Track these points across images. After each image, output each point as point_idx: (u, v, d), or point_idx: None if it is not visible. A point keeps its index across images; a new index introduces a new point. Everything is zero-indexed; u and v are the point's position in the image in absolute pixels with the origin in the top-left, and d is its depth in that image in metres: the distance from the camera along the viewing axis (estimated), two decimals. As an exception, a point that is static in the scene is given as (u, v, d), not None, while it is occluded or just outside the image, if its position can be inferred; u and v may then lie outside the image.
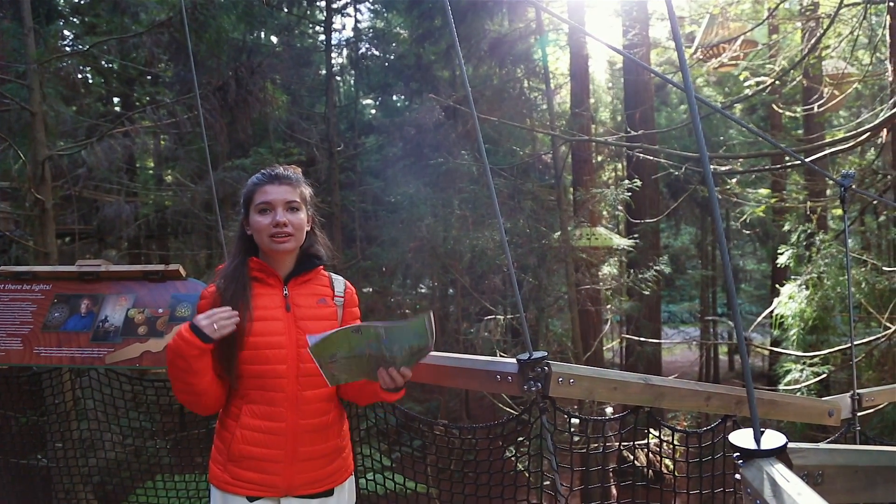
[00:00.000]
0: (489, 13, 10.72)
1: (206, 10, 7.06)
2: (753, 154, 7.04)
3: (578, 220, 9.04)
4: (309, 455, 1.88)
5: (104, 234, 10.30)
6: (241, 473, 1.84)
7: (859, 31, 5.67)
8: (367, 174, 13.44)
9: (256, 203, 1.89)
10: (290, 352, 1.86)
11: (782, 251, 7.18)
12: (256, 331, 1.83)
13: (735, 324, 1.29)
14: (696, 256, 19.61)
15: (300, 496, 1.89)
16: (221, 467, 1.87)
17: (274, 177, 1.91)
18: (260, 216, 1.88)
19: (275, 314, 1.88)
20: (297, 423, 1.85)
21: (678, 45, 1.37)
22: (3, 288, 3.08)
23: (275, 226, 1.86)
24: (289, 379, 1.85)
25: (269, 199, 1.87)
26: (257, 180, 1.93)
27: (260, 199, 1.88)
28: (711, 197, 1.27)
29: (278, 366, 1.84)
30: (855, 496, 1.26)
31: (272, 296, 1.90)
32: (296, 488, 1.87)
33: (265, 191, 1.89)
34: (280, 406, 1.84)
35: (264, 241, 1.89)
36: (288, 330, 1.87)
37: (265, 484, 1.84)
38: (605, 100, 17.74)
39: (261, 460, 1.83)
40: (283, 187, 1.90)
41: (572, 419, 2.35)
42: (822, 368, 6.35)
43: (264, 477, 1.84)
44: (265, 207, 1.88)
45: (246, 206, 1.93)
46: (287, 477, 1.85)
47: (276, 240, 1.86)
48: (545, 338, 9.26)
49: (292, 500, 1.88)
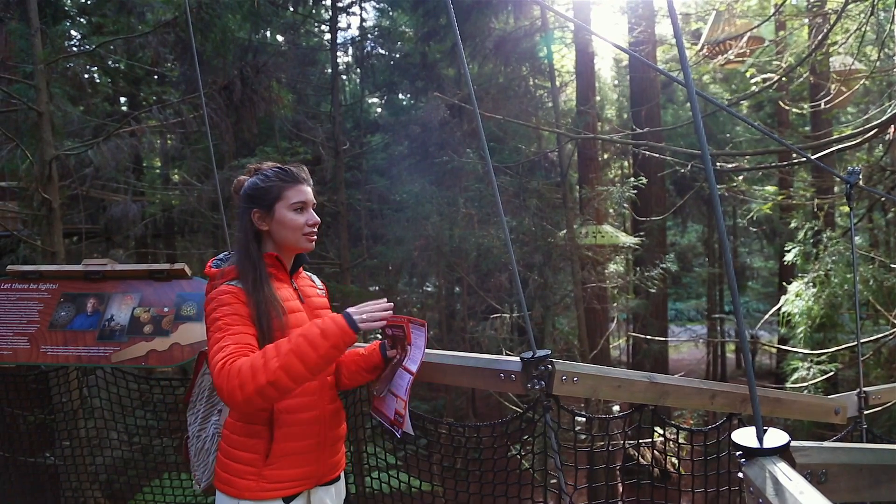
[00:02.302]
0: (494, 11, 10.70)
1: (211, 9, 7.06)
2: (760, 151, 7.01)
3: (584, 218, 9.03)
4: (334, 439, 1.97)
5: (111, 233, 10.35)
6: (279, 475, 1.84)
7: (867, 26, 5.63)
8: (373, 173, 13.46)
9: (293, 202, 1.91)
10: None
11: (789, 248, 7.15)
12: (292, 323, 1.87)
13: (737, 321, 1.28)
14: (702, 254, 19.56)
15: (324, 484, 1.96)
16: (255, 476, 1.83)
17: (303, 177, 1.95)
18: (296, 214, 1.91)
19: (296, 305, 1.94)
20: (325, 408, 1.94)
21: (679, 41, 1.37)
22: (11, 287, 3.10)
23: (310, 225, 1.93)
24: None
25: (305, 198, 1.93)
26: (285, 177, 1.92)
27: (297, 199, 1.91)
28: (713, 193, 1.27)
29: None
30: (859, 495, 1.26)
31: (286, 289, 1.95)
32: (324, 475, 1.94)
33: (301, 190, 1.93)
34: (314, 394, 1.91)
35: (295, 239, 1.92)
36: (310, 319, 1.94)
37: (302, 478, 1.88)
38: (610, 97, 17.71)
39: (299, 454, 1.87)
40: (311, 188, 1.97)
41: (577, 417, 2.35)
42: (830, 366, 6.32)
43: (301, 471, 1.87)
44: (301, 207, 1.92)
45: (270, 202, 1.90)
46: (320, 464, 1.92)
47: (309, 238, 1.94)
48: (551, 336, 9.26)
49: (319, 490, 1.95)
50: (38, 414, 3.99)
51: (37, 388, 3.60)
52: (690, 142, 12.49)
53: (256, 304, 1.80)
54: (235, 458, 1.86)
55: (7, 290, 3.09)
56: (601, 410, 7.72)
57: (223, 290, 1.83)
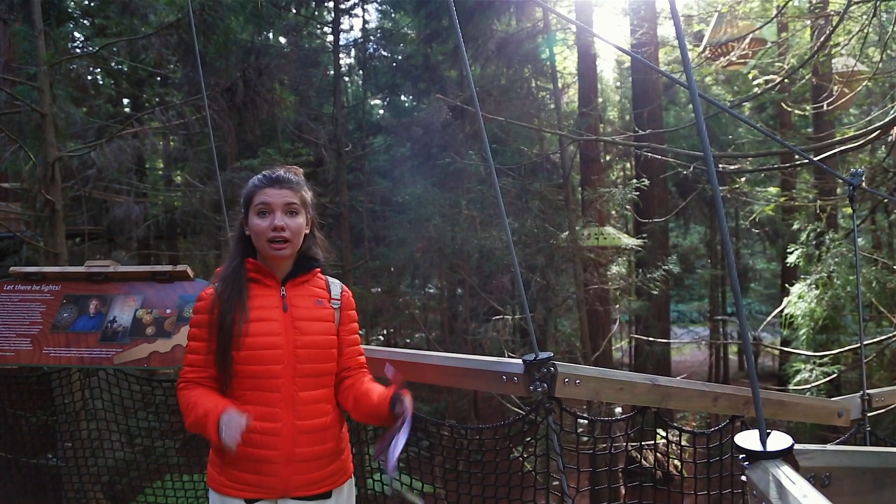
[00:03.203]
0: (496, 13, 10.72)
1: (214, 11, 7.08)
2: (762, 153, 7.00)
3: (586, 220, 9.02)
4: (306, 456, 1.86)
5: (114, 234, 10.37)
6: (238, 475, 1.83)
7: (869, 28, 5.61)
8: (375, 174, 13.48)
9: (255, 205, 1.87)
10: (287, 352, 1.85)
11: (792, 250, 7.14)
12: (253, 331, 1.82)
13: (740, 323, 1.28)
14: (705, 255, 19.53)
15: (297, 498, 1.87)
16: (218, 469, 1.87)
17: (275, 179, 1.89)
18: (259, 219, 1.86)
19: (271, 314, 1.87)
20: (293, 423, 1.84)
21: (681, 43, 1.36)
22: (13, 288, 3.10)
23: (273, 230, 1.84)
24: (285, 379, 1.84)
25: (268, 201, 1.86)
26: (258, 182, 1.91)
27: (258, 201, 1.87)
28: (716, 195, 1.26)
29: (274, 366, 1.83)
30: (863, 498, 1.25)
31: (269, 296, 1.89)
32: (293, 489, 1.85)
33: (265, 193, 1.87)
34: (276, 406, 1.83)
35: (262, 245, 1.88)
36: (285, 330, 1.86)
37: (262, 485, 1.83)
38: (613, 99, 17.72)
39: (257, 461, 1.82)
40: (284, 190, 1.88)
41: (579, 419, 2.35)
42: (832, 368, 6.31)
43: (261, 478, 1.82)
44: (264, 210, 1.86)
45: (246, 207, 1.92)
46: (284, 478, 1.83)
47: (274, 246, 1.85)
48: (553, 338, 9.25)
49: (289, 501, 1.86)
50: (41, 415, 3.99)
51: (39, 390, 3.60)
52: (692, 143, 12.48)
53: (220, 306, 1.83)
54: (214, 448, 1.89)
55: (10, 291, 3.09)
56: (603, 412, 7.71)
57: (199, 297, 1.92)
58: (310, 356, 1.88)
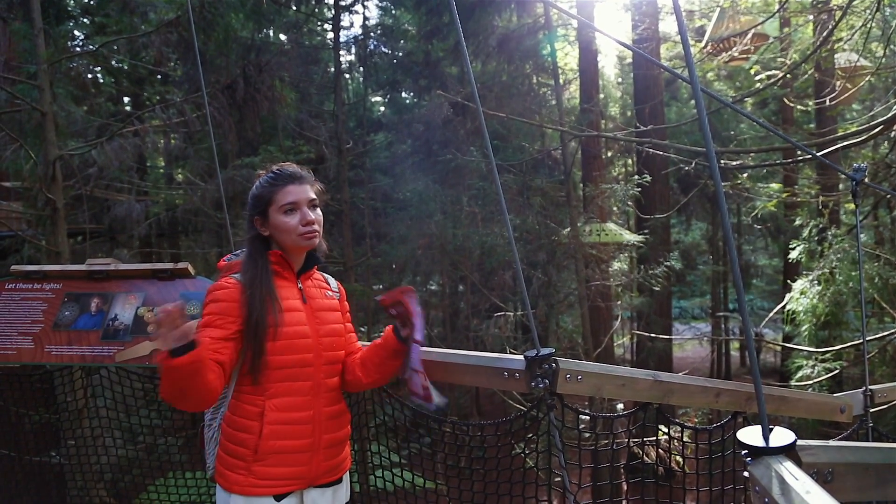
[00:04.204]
0: (497, 9, 10.69)
1: (213, 8, 7.08)
2: (765, 148, 6.97)
3: (588, 216, 9.01)
4: (330, 442, 1.94)
5: (115, 233, 10.38)
6: (268, 471, 1.84)
7: (872, 22, 5.59)
8: (377, 171, 13.45)
9: (281, 204, 1.90)
10: (315, 341, 1.93)
11: (794, 246, 7.11)
12: (286, 321, 1.87)
13: (743, 319, 1.27)
14: (706, 252, 19.50)
15: (320, 486, 1.94)
16: (244, 472, 1.84)
17: (294, 176, 1.93)
18: (287, 216, 1.90)
19: (296, 305, 1.94)
20: (320, 410, 1.92)
21: (684, 38, 1.36)
22: (15, 287, 3.10)
23: (304, 224, 1.90)
24: (315, 367, 1.92)
25: (294, 199, 1.90)
26: (275, 181, 1.93)
27: (285, 201, 1.90)
28: (718, 191, 1.26)
29: (306, 354, 1.90)
30: (865, 494, 1.25)
31: (290, 288, 1.96)
32: (318, 477, 1.92)
33: (289, 191, 1.91)
34: (307, 395, 1.90)
35: (293, 240, 1.92)
36: (309, 320, 1.94)
37: (292, 477, 1.87)
38: (614, 95, 17.67)
39: (289, 453, 1.86)
40: (304, 186, 1.94)
41: (581, 415, 2.35)
42: (835, 364, 6.30)
43: (292, 470, 1.86)
44: (292, 208, 1.90)
45: (263, 207, 1.93)
46: (313, 466, 1.89)
47: (307, 237, 1.91)
48: (555, 334, 9.25)
49: (313, 491, 1.93)
50: (43, 413, 3.99)
51: (41, 388, 3.60)
52: (694, 139, 12.45)
53: (251, 298, 1.83)
54: (229, 452, 1.88)
55: (11, 289, 3.10)
56: (605, 409, 7.70)
57: (219, 285, 1.89)
58: (331, 344, 1.97)
